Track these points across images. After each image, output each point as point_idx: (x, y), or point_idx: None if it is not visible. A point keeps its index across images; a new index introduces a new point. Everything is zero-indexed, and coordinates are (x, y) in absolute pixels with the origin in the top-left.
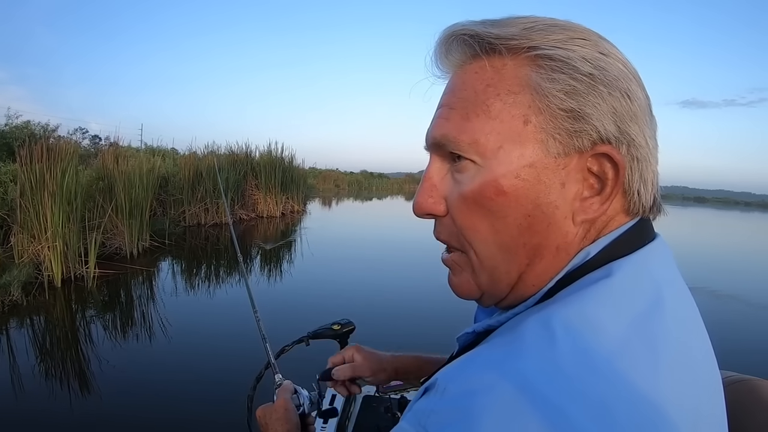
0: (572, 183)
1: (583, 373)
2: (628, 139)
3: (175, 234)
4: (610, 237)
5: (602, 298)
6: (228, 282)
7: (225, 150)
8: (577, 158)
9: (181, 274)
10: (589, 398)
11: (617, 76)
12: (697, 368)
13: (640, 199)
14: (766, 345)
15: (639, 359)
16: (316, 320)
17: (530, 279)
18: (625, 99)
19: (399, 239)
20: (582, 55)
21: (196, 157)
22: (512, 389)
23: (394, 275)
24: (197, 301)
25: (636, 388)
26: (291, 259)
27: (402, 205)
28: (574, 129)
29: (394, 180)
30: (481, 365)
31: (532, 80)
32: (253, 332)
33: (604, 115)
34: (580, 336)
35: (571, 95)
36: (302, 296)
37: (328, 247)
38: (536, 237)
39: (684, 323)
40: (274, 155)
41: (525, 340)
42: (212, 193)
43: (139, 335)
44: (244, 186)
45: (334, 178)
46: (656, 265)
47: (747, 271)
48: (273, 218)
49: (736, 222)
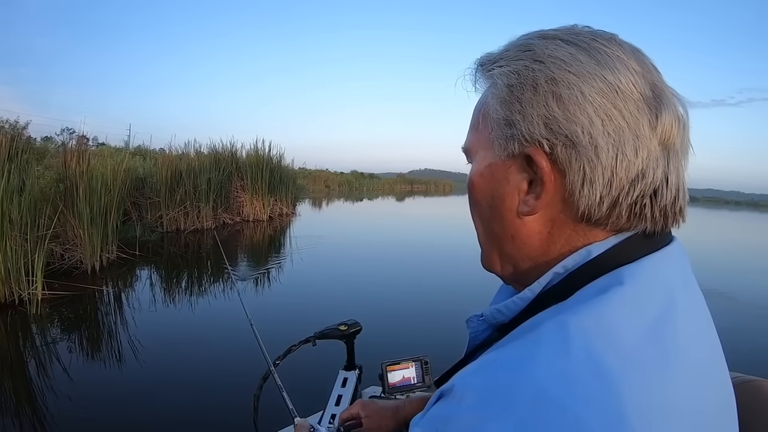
0: (514, 181)
1: (598, 381)
2: (563, 139)
3: (151, 242)
4: (608, 243)
5: (616, 305)
6: (212, 294)
7: (208, 148)
8: (517, 159)
9: (153, 289)
10: (604, 406)
11: (548, 81)
12: (708, 373)
13: (584, 198)
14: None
15: (652, 367)
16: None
17: (507, 263)
18: (557, 101)
19: (399, 245)
20: (512, 69)
21: (175, 156)
22: (529, 397)
23: (398, 278)
24: (173, 321)
25: (649, 396)
26: (281, 267)
27: (396, 207)
28: (508, 135)
29: (385, 180)
30: (498, 370)
31: (487, 98)
32: (248, 344)
33: (532, 120)
34: (596, 343)
35: (503, 105)
36: (297, 305)
37: (324, 259)
38: (496, 225)
39: (695, 329)
40: (262, 154)
41: (541, 346)
42: (193, 196)
43: (95, 365)
44: (228, 187)
45: (324, 178)
46: (669, 270)
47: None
48: (260, 222)
49: (727, 221)
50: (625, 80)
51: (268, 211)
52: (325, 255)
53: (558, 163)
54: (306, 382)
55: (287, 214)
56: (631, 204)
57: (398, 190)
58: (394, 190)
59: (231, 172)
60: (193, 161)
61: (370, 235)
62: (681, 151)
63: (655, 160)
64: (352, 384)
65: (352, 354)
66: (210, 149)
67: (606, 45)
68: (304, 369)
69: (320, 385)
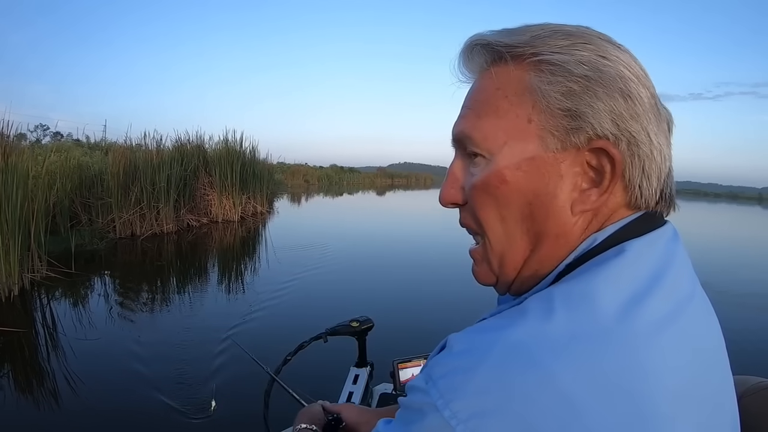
0: (570, 176)
1: (572, 341)
2: (628, 136)
3: (98, 251)
4: (617, 225)
5: (607, 274)
6: (172, 320)
7: (172, 141)
8: (575, 153)
9: (90, 320)
10: (576, 362)
11: (616, 77)
12: (698, 347)
13: (643, 193)
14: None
15: (630, 333)
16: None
17: (533, 265)
18: (624, 99)
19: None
20: (579, 59)
21: (129, 149)
22: (505, 349)
23: (410, 274)
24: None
25: (624, 359)
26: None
27: (385, 202)
28: (572, 126)
29: (365, 174)
30: (483, 329)
31: (533, 83)
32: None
33: (600, 114)
34: (576, 309)
35: (568, 96)
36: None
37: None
38: (537, 224)
39: (682, 299)
40: (232, 147)
41: (526, 311)
42: (151, 195)
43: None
44: (194, 184)
45: (303, 173)
46: (664, 242)
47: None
48: (230, 223)
49: (706, 212)
50: (649, 85)
51: (239, 210)
52: (331, 253)
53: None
54: (317, 379)
55: (262, 213)
56: (663, 193)
57: (379, 185)
58: (375, 185)
59: (197, 167)
60: (150, 154)
61: (370, 232)
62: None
63: (669, 156)
64: (363, 381)
65: (363, 351)
66: (175, 141)
67: (626, 50)
68: (315, 365)
69: (331, 382)
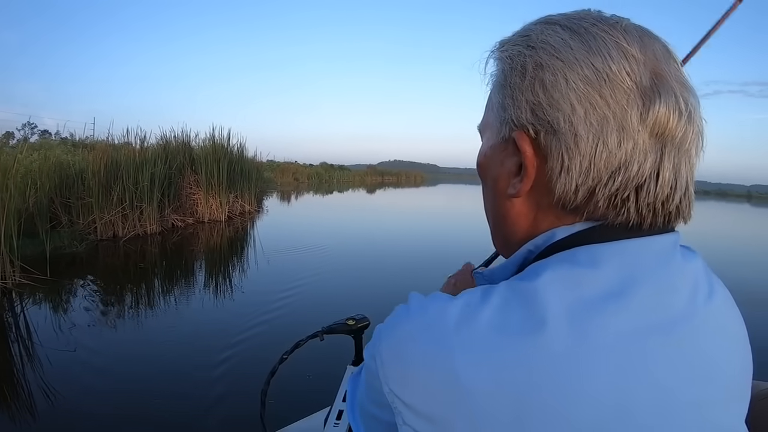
0: (506, 163)
1: (491, 331)
2: (546, 125)
3: (78, 254)
4: (584, 225)
5: (552, 277)
6: (161, 328)
7: (157, 138)
8: (510, 142)
9: (67, 333)
10: (479, 348)
11: (537, 67)
12: (678, 375)
13: (565, 186)
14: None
15: (556, 343)
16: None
17: (500, 240)
18: (543, 87)
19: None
20: (509, 53)
21: (111, 147)
22: (432, 314)
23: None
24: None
25: (534, 364)
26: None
27: (376, 200)
28: (502, 119)
29: (355, 172)
30: (437, 296)
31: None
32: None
33: (521, 105)
34: (513, 302)
35: (497, 91)
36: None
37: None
38: (494, 204)
39: (658, 327)
40: (219, 144)
41: (472, 294)
42: (134, 195)
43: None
44: (180, 183)
45: (293, 171)
46: (637, 259)
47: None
48: (217, 223)
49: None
50: (616, 67)
51: (226, 209)
52: (322, 251)
53: (541, 149)
54: (313, 377)
55: (250, 212)
56: (610, 195)
57: (369, 182)
58: (365, 182)
59: (183, 165)
60: (132, 152)
61: (362, 230)
62: (684, 144)
63: (643, 153)
64: None
65: (360, 349)
66: (160, 138)
67: (607, 30)
68: (312, 364)
69: (328, 380)
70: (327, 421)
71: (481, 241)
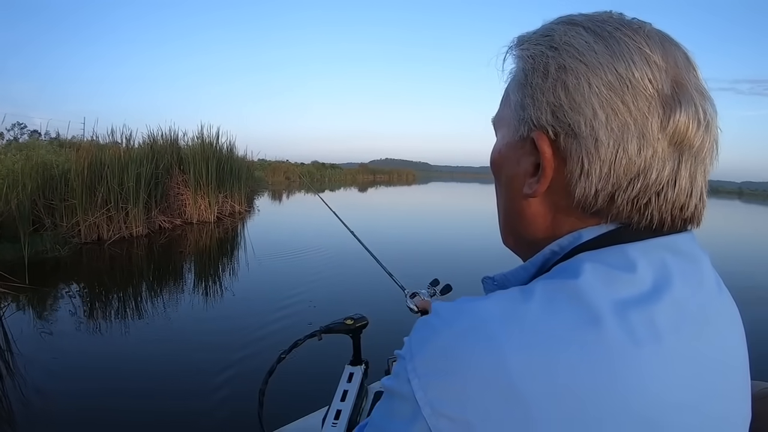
0: (523, 162)
1: (538, 332)
2: (566, 128)
3: (60, 259)
4: (611, 226)
5: (590, 276)
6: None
7: (144, 137)
8: (527, 142)
9: (36, 341)
10: (532, 352)
11: (560, 68)
12: (706, 375)
13: (585, 189)
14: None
15: (609, 342)
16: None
17: (514, 238)
18: (565, 89)
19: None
20: (531, 53)
21: (95, 146)
22: (472, 321)
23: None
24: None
25: (585, 364)
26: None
27: (369, 198)
28: (521, 117)
29: (347, 171)
30: (466, 300)
31: (510, 78)
32: None
33: (541, 106)
34: (559, 301)
35: (517, 89)
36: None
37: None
38: (508, 202)
39: (691, 322)
40: (208, 143)
41: (510, 295)
42: (119, 196)
43: None
44: (167, 183)
45: (284, 169)
46: (666, 257)
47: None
48: (206, 224)
49: None
50: (639, 74)
51: (215, 210)
52: (317, 250)
53: (560, 151)
54: (311, 377)
55: (240, 212)
56: (630, 200)
57: (361, 180)
58: (357, 181)
59: (171, 165)
60: (117, 151)
61: (357, 228)
62: (700, 153)
63: (662, 161)
64: (359, 379)
65: (358, 349)
66: (148, 137)
67: (631, 35)
68: (310, 364)
69: (326, 380)
70: (325, 421)
71: (480, 240)
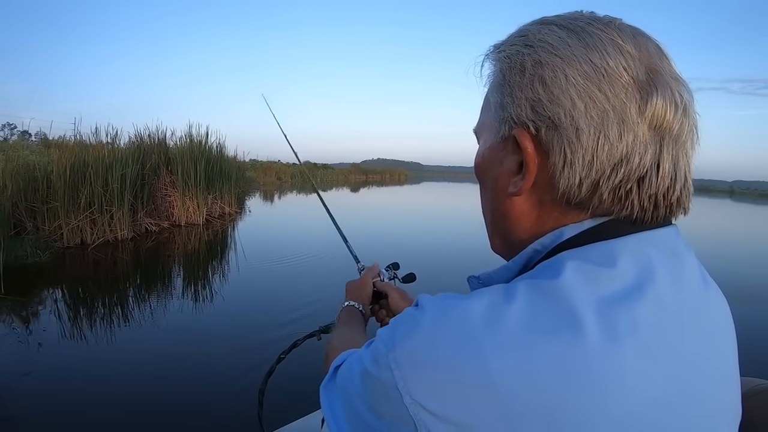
0: (507, 162)
1: (520, 330)
2: (548, 121)
3: (44, 263)
4: (593, 222)
5: (572, 274)
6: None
7: (130, 136)
8: (509, 141)
9: (12, 355)
10: (512, 350)
11: (536, 64)
12: (690, 369)
13: (569, 181)
14: None
15: (591, 338)
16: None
17: (500, 240)
18: (542, 84)
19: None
20: (507, 54)
21: (78, 146)
22: (455, 316)
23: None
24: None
25: (573, 364)
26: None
27: (363, 198)
28: (502, 118)
29: (339, 171)
30: (452, 296)
31: (488, 83)
32: None
33: (520, 102)
34: (540, 301)
35: (495, 90)
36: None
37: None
38: (493, 204)
39: (677, 317)
40: (196, 142)
41: (494, 292)
42: (103, 198)
43: None
44: (154, 184)
45: (276, 170)
46: (649, 252)
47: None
48: (194, 226)
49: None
50: (614, 63)
51: (204, 212)
52: (312, 249)
53: (542, 145)
54: (310, 377)
55: (230, 213)
56: (613, 188)
57: (353, 180)
58: (349, 181)
59: (158, 165)
60: (101, 151)
61: (353, 227)
62: (680, 137)
63: (643, 145)
64: None
65: None
66: (135, 136)
67: (602, 29)
68: (309, 363)
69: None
70: (324, 421)
71: (475, 240)
